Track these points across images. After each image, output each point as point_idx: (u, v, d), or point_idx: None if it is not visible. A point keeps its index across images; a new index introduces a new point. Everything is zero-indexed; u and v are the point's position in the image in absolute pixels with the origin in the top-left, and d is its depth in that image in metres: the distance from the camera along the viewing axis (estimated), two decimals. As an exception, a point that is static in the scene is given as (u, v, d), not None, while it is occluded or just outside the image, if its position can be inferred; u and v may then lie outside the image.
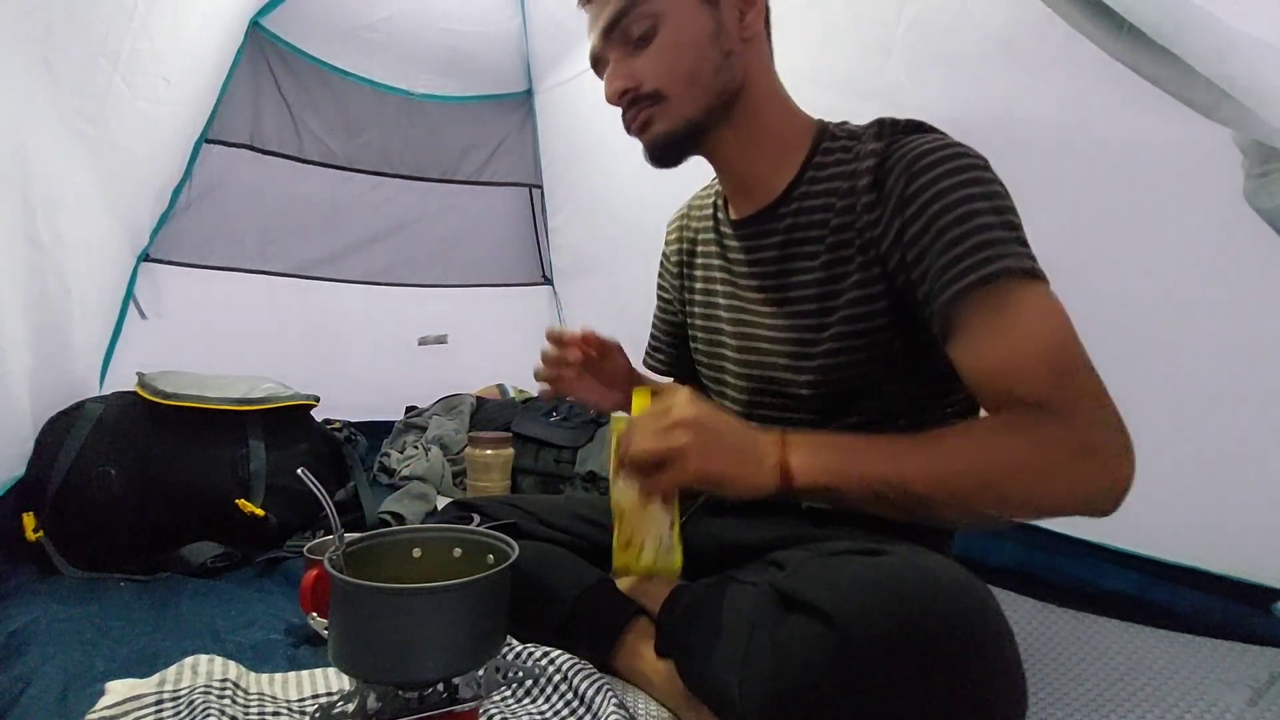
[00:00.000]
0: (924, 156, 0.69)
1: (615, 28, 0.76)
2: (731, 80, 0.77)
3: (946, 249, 0.65)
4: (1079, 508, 0.60)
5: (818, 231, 0.77)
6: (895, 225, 0.70)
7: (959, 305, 0.64)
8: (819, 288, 0.76)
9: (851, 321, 0.74)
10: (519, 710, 0.73)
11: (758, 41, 0.79)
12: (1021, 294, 0.63)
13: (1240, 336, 0.93)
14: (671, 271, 1.00)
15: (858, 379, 0.76)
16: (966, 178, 0.67)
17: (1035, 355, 0.61)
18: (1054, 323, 0.62)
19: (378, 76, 2.31)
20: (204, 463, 1.22)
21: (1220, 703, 0.80)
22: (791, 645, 0.53)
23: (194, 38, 1.64)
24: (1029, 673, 0.54)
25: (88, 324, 1.48)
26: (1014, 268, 0.63)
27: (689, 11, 0.75)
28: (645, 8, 0.75)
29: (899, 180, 0.69)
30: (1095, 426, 0.59)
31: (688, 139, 0.79)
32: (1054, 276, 0.86)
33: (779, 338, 0.80)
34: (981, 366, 0.64)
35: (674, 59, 0.75)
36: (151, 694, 0.69)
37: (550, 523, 0.93)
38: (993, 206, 0.66)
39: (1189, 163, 0.91)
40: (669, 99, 0.77)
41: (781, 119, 0.81)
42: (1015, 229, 0.66)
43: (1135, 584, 1.06)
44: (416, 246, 2.42)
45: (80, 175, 1.33)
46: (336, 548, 0.62)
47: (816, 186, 0.78)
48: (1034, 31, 1.03)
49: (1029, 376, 0.61)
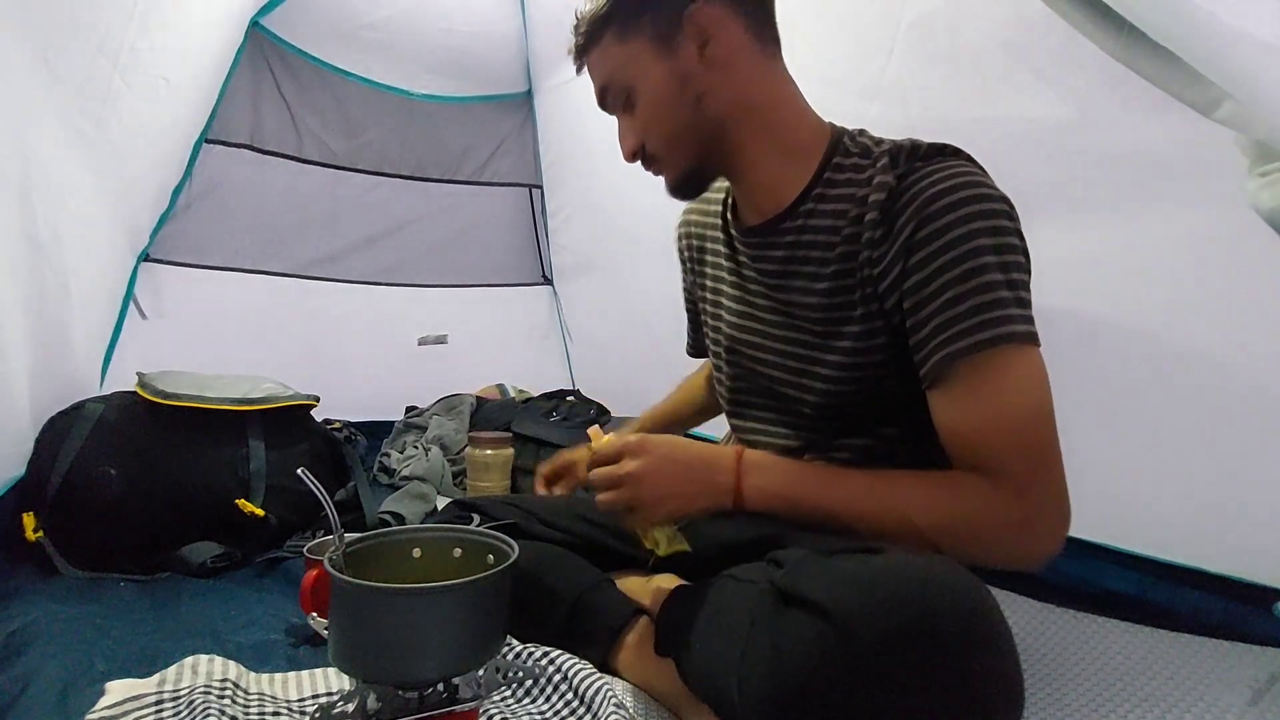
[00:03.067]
0: (937, 199, 0.67)
1: (605, 100, 0.83)
2: (714, 117, 0.78)
3: (946, 307, 0.66)
4: (1005, 565, 0.67)
5: (820, 252, 0.76)
6: (897, 268, 0.69)
7: (949, 365, 0.66)
8: (822, 311, 0.76)
9: (854, 354, 0.75)
10: (519, 710, 0.73)
11: (734, 62, 0.77)
12: (1010, 360, 0.65)
13: (1240, 336, 0.93)
14: (686, 266, 1.01)
15: (862, 404, 0.76)
16: (977, 227, 0.65)
17: (1009, 428, 0.64)
18: (1035, 396, 0.65)
19: (377, 76, 2.30)
20: (204, 463, 1.22)
21: (1220, 703, 0.80)
22: (791, 644, 0.53)
23: (194, 38, 1.64)
24: (1028, 673, 0.54)
25: (88, 324, 1.48)
26: (1009, 334, 0.64)
27: (651, 75, 0.77)
28: (617, 85, 0.80)
29: (909, 223, 0.68)
30: (1044, 503, 0.64)
31: (697, 180, 0.83)
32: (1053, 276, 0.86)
33: (783, 350, 0.81)
34: (957, 426, 0.67)
35: (653, 123, 0.80)
36: (151, 694, 0.69)
37: (550, 523, 0.93)
38: (1000, 263, 0.65)
39: (1189, 163, 0.91)
40: (663, 159, 0.81)
41: (790, 128, 0.80)
42: (1018, 288, 0.66)
43: (1135, 584, 1.06)
44: (416, 246, 2.42)
45: (80, 175, 1.33)
46: (336, 548, 0.62)
47: (824, 205, 0.77)
48: (1034, 31, 1.03)
49: (999, 447, 0.64)
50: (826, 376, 0.76)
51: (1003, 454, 0.64)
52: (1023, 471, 0.64)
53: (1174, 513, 1.02)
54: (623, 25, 0.77)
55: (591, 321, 2.50)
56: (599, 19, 0.78)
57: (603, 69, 0.80)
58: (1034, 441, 0.65)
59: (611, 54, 0.79)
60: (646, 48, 0.77)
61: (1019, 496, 0.64)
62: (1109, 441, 1.06)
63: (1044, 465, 0.64)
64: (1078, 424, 1.07)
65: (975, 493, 0.65)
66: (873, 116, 1.29)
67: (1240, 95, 0.65)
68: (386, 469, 1.85)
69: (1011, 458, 0.64)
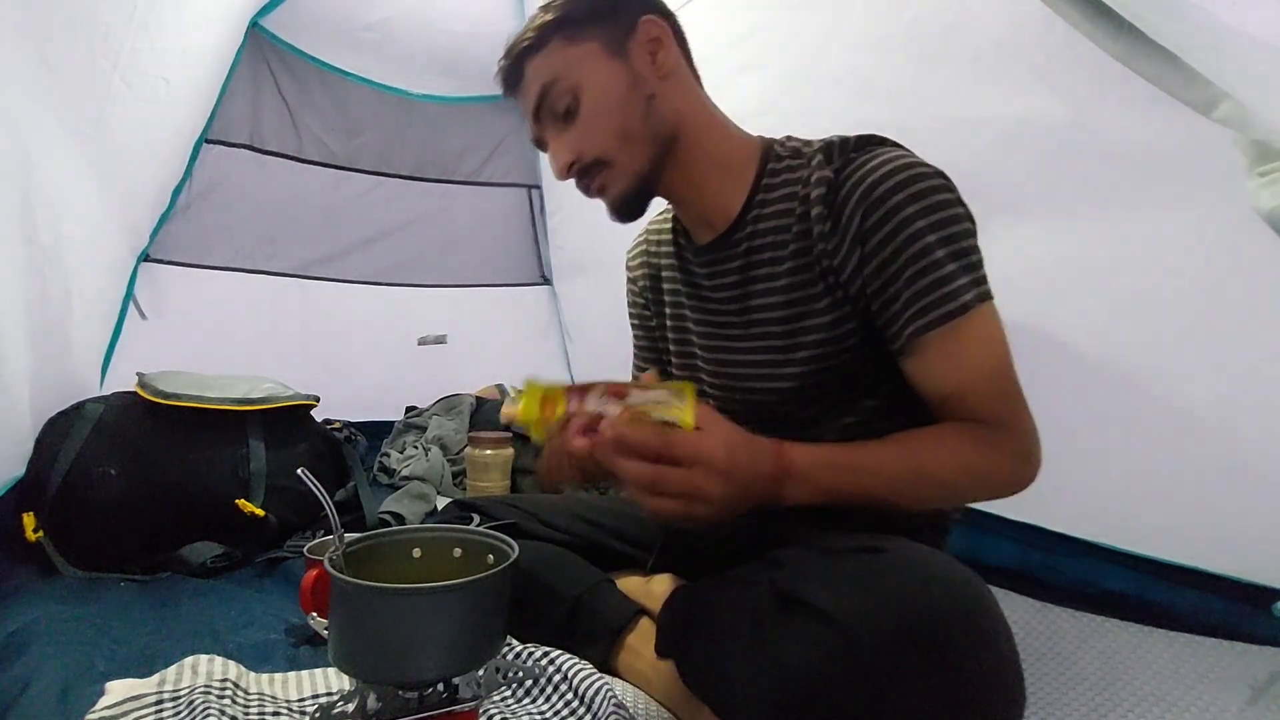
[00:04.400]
0: (878, 185, 0.70)
1: (542, 109, 0.79)
2: (664, 121, 0.78)
3: (907, 286, 0.70)
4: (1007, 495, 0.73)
5: (773, 254, 0.78)
6: (855, 258, 0.72)
7: (919, 338, 0.70)
8: (783, 310, 0.78)
9: (823, 345, 0.76)
10: (519, 710, 0.73)
11: (678, 75, 0.80)
12: (972, 323, 0.69)
13: (1241, 336, 0.93)
14: (640, 301, 1.00)
15: (839, 385, 0.77)
16: (921, 206, 0.69)
17: (985, 379, 0.71)
18: (998, 348, 0.72)
19: (377, 76, 2.31)
20: (204, 463, 1.22)
21: (1220, 702, 0.80)
22: (791, 645, 0.53)
23: (194, 38, 1.64)
24: (1028, 672, 0.54)
25: (88, 324, 1.48)
26: (961, 305, 0.68)
27: (603, 73, 0.77)
28: (562, 84, 0.77)
29: (856, 211, 0.71)
30: (1030, 436, 0.72)
31: (644, 191, 0.81)
32: (1053, 276, 0.86)
33: (750, 359, 0.82)
34: (939, 389, 0.72)
35: (603, 123, 0.77)
36: (151, 694, 0.70)
37: (550, 523, 0.93)
38: (944, 237, 0.69)
39: (1189, 163, 0.92)
40: (612, 162, 0.78)
41: (723, 145, 0.82)
42: (966, 254, 0.70)
43: (1135, 584, 1.06)
44: (416, 246, 2.42)
45: (80, 175, 1.33)
46: (336, 548, 0.62)
47: (768, 209, 0.79)
48: (1034, 31, 1.03)
49: (980, 397, 0.71)
50: (795, 374, 0.78)
51: (990, 403, 0.71)
52: (1011, 414, 0.71)
53: (1174, 513, 1.02)
54: (572, 30, 0.77)
55: (591, 321, 2.50)
56: (548, 25, 0.78)
57: (547, 69, 0.78)
58: (1009, 388, 0.72)
59: (559, 55, 0.78)
60: (597, 49, 0.77)
61: (1014, 435, 0.71)
62: (1109, 441, 1.06)
63: (1022, 402, 0.72)
64: (1077, 423, 1.08)
65: (983, 438, 0.70)
66: (873, 116, 1.29)
67: (1240, 95, 0.65)
68: (386, 469, 1.85)
69: (998, 404, 0.71)
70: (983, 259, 0.71)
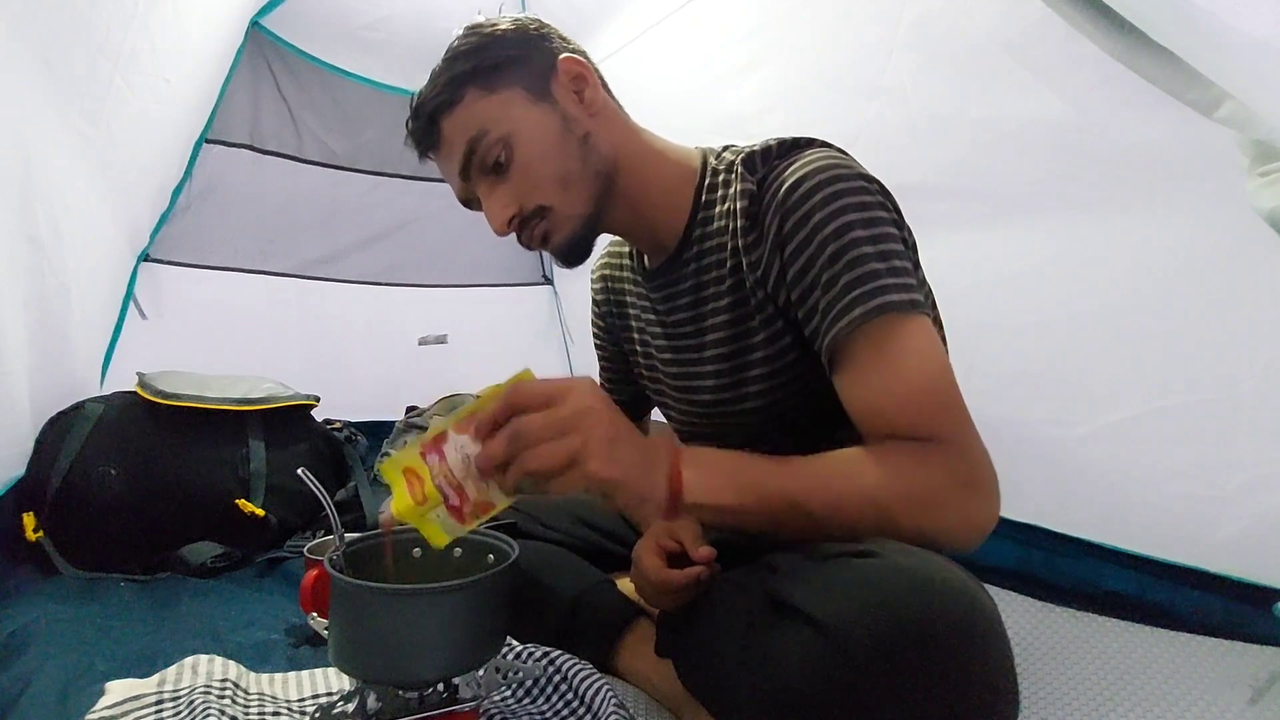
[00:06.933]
0: (795, 189, 0.67)
1: (470, 166, 0.75)
2: (603, 159, 0.75)
3: (826, 288, 0.65)
4: (957, 539, 0.61)
5: (718, 272, 0.76)
6: (776, 266, 0.69)
7: (842, 343, 0.65)
8: (727, 329, 0.76)
9: (770, 362, 0.74)
10: (519, 710, 0.73)
11: (607, 110, 0.77)
12: (900, 329, 0.64)
13: (1240, 337, 0.93)
14: (601, 325, 1.00)
15: (802, 411, 0.75)
16: (839, 206, 0.65)
17: (919, 390, 0.63)
18: (932, 358, 0.64)
19: (377, 76, 2.30)
20: (204, 463, 1.22)
21: (1220, 702, 0.80)
22: (783, 652, 0.53)
23: (194, 38, 1.64)
24: (1028, 672, 0.54)
25: (88, 324, 1.48)
26: (886, 304, 0.63)
27: (532, 119, 0.73)
28: (491, 136, 0.72)
29: (774, 218, 0.68)
30: (979, 461, 0.62)
31: (590, 233, 0.78)
32: (1053, 275, 0.85)
33: (710, 385, 0.80)
34: (866, 401, 0.65)
35: (542, 170, 0.73)
36: (151, 694, 0.70)
37: (550, 523, 0.93)
38: (869, 236, 0.65)
39: (1189, 163, 0.91)
40: (553, 208, 0.75)
41: (662, 170, 0.79)
42: (891, 258, 0.65)
43: (1135, 584, 1.06)
44: (416, 246, 2.42)
45: (80, 175, 1.33)
46: (336, 548, 0.62)
47: (709, 227, 0.77)
48: (1034, 31, 1.03)
49: (913, 411, 0.62)
50: (757, 392, 0.76)
51: (919, 418, 0.62)
52: (949, 432, 0.62)
53: (1174, 513, 1.02)
54: (488, 79, 0.73)
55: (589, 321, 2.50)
56: (460, 77, 0.73)
57: (471, 123, 0.73)
58: (945, 401, 0.63)
59: (479, 106, 0.73)
60: (520, 95, 0.73)
61: (957, 455, 0.62)
62: (1109, 440, 1.06)
63: (968, 424, 0.63)
64: (1077, 423, 1.08)
65: (916, 455, 0.61)
66: (873, 116, 1.30)
67: (1240, 95, 0.65)
68: (387, 469, 1.84)
69: (931, 421, 0.62)
70: (917, 274, 0.65)
